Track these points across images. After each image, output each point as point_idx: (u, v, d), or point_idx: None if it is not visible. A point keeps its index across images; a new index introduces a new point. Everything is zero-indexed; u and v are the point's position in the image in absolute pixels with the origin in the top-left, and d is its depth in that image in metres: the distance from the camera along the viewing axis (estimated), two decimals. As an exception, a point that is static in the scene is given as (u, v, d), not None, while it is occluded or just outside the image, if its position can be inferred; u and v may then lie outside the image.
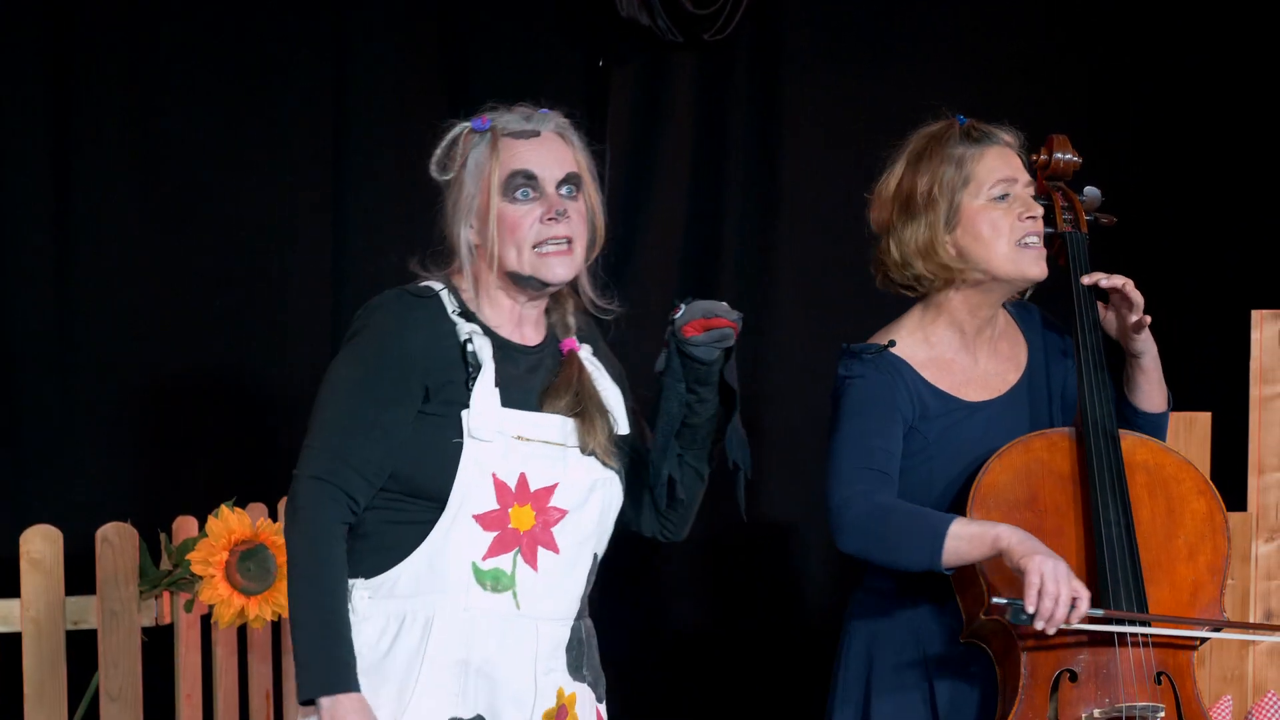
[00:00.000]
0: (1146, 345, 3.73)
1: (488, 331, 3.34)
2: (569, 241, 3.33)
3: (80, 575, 4.86)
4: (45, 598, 4.81)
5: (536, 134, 3.37)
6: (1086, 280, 3.73)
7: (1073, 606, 3.39)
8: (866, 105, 5.83)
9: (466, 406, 3.27)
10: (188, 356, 5.29)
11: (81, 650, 4.88)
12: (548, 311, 3.46)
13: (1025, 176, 3.72)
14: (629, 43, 5.68)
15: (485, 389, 3.29)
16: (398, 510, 3.29)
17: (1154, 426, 3.81)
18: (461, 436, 3.26)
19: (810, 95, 5.86)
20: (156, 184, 5.27)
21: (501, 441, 3.28)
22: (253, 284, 5.38)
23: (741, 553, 5.91)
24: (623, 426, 3.45)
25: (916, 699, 3.68)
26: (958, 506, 3.63)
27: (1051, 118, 5.75)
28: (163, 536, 4.92)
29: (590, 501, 3.37)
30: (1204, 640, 3.66)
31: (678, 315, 3.32)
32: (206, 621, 4.91)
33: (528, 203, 3.32)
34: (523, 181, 3.32)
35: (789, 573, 5.93)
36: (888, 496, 3.59)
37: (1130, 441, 3.67)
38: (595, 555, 3.42)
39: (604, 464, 3.38)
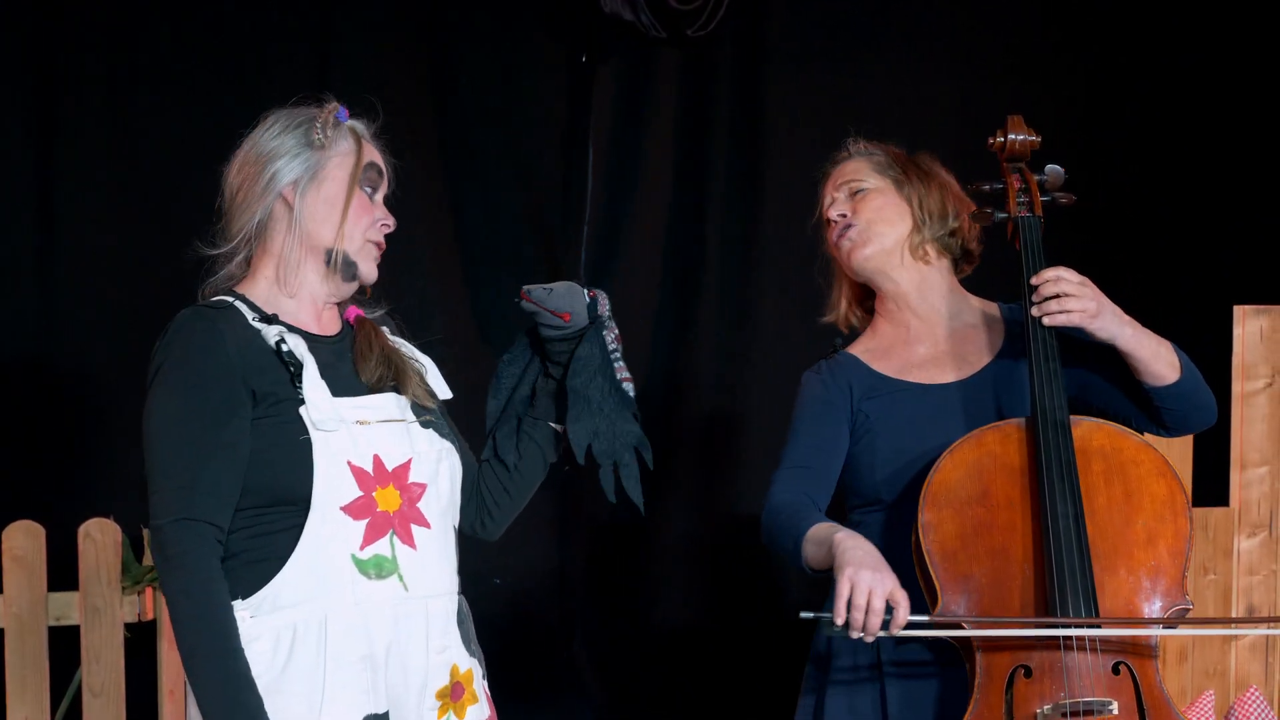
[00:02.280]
0: (1110, 331, 3.63)
1: (293, 329, 3.32)
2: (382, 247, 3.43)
3: (63, 571, 4.88)
4: (28, 593, 4.82)
5: (368, 140, 3.45)
6: (1035, 312, 3.67)
7: (891, 615, 3.37)
8: (852, 101, 5.82)
9: (299, 403, 3.23)
10: (171, 353, 5.29)
11: (64, 646, 4.90)
12: None
13: (844, 180, 3.85)
14: (612, 39, 5.68)
15: (314, 381, 3.26)
16: (262, 523, 3.22)
17: (1174, 397, 3.69)
18: (307, 433, 3.21)
19: (794, 91, 5.86)
20: (142, 181, 5.27)
21: (345, 429, 3.25)
22: (239, 280, 5.38)
23: (730, 548, 5.91)
24: (442, 390, 3.48)
25: (866, 696, 3.69)
26: (905, 488, 3.66)
27: (1045, 115, 5.74)
28: (145, 532, 4.92)
29: (441, 472, 3.36)
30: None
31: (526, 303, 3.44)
32: (189, 617, 4.92)
33: (370, 200, 3.40)
34: (375, 176, 3.40)
35: (778, 567, 5.93)
36: (791, 493, 3.68)
37: (1085, 428, 3.65)
38: (454, 527, 3.42)
39: (440, 435, 3.39)
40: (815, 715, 3.75)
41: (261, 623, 3.20)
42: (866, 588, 3.36)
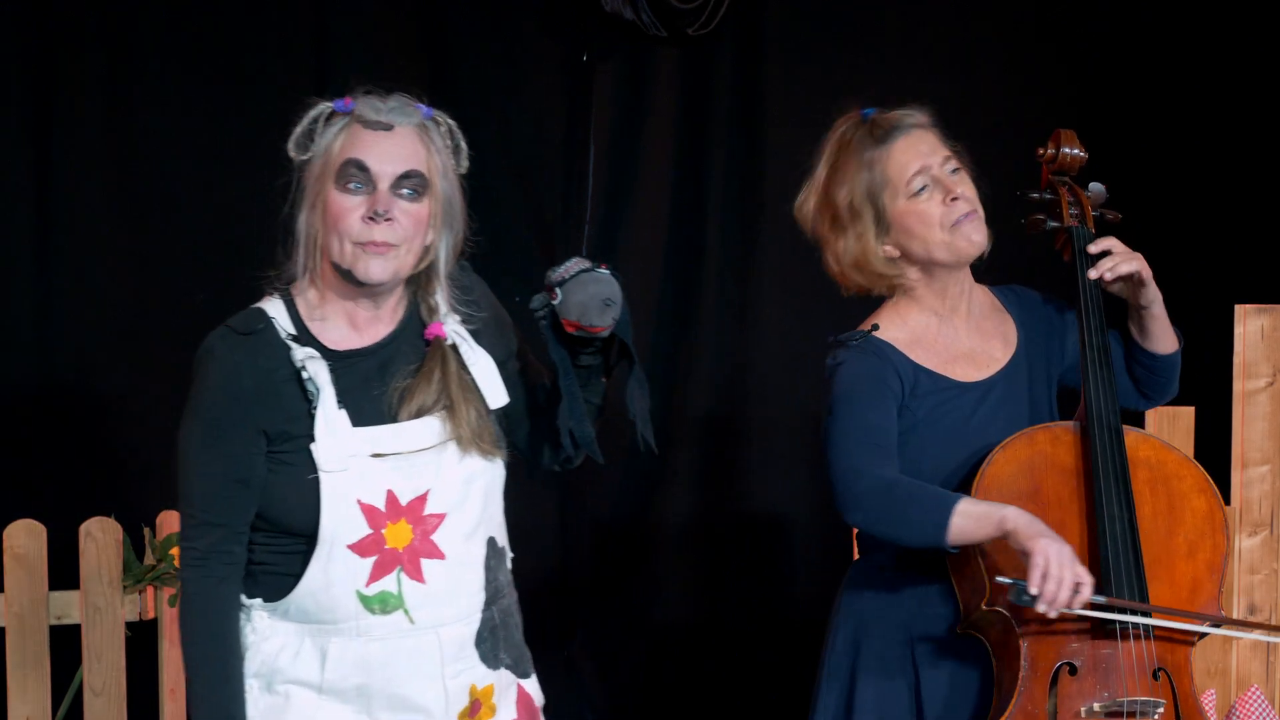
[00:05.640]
0: (1153, 295, 3.73)
1: (324, 351, 3.24)
2: (389, 244, 3.21)
3: (64, 570, 4.87)
4: (28, 593, 4.81)
5: (389, 128, 3.24)
6: (1093, 274, 3.71)
7: (1076, 592, 3.38)
8: (851, 100, 5.81)
9: (312, 439, 3.20)
10: (170, 350, 5.25)
11: (65, 645, 4.88)
12: (411, 287, 3.34)
13: (939, 155, 3.70)
14: (612, 37, 5.67)
15: (328, 416, 3.20)
16: (278, 544, 3.25)
17: (1170, 367, 3.81)
18: (316, 471, 3.19)
19: (794, 90, 5.86)
20: (140, 179, 5.26)
21: (357, 465, 3.21)
22: (235, 277, 5.36)
23: (731, 547, 5.91)
24: (497, 399, 3.35)
25: (901, 686, 3.67)
26: (948, 487, 3.62)
27: (1039, 109, 5.76)
28: (146, 531, 4.92)
29: (470, 495, 3.29)
30: (1202, 636, 3.64)
31: (556, 301, 3.21)
32: (190, 616, 4.91)
33: (357, 195, 3.21)
34: (354, 173, 3.21)
35: (776, 565, 5.93)
36: (893, 471, 3.57)
37: (1133, 438, 3.67)
38: (493, 540, 3.35)
39: (484, 455, 3.31)
40: (847, 703, 3.74)
41: (275, 624, 3.26)
42: (1060, 562, 3.36)
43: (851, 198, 3.71)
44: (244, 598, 3.28)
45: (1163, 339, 3.79)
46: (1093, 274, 3.71)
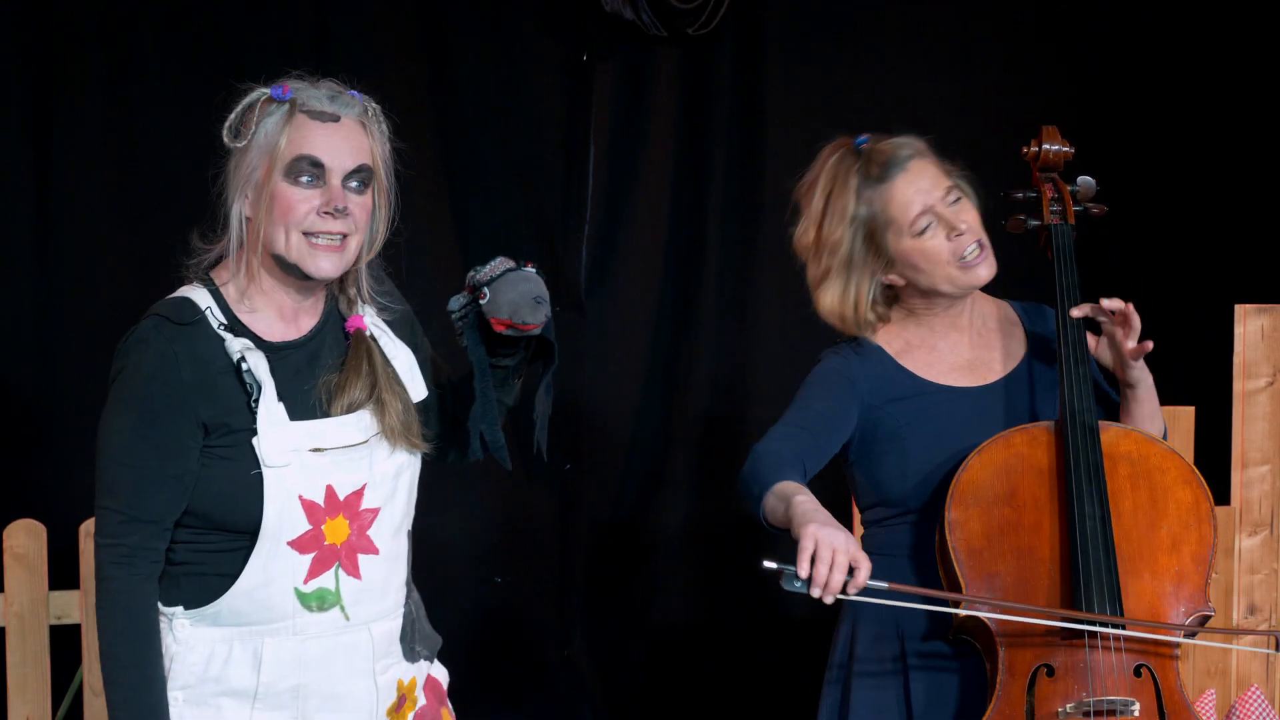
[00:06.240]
0: (1143, 374, 3.71)
1: (259, 342, 3.20)
2: (343, 237, 3.19)
3: (64, 570, 4.87)
4: (29, 593, 4.82)
5: (336, 119, 3.20)
6: (1076, 313, 3.69)
7: (851, 575, 3.27)
8: (851, 99, 5.83)
9: (253, 433, 3.15)
10: (171, 350, 5.28)
11: (65, 645, 4.89)
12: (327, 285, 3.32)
13: (940, 189, 3.65)
14: (612, 37, 5.68)
15: (270, 410, 3.16)
16: (206, 540, 3.19)
17: None
18: (259, 466, 3.15)
19: (794, 89, 5.86)
20: (140, 177, 5.27)
21: (299, 460, 3.17)
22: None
23: (730, 548, 5.91)
24: (419, 392, 3.35)
25: (891, 690, 3.69)
26: (936, 494, 3.64)
27: (1039, 109, 5.75)
28: (146, 531, 4.91)
29: (399, 488, 3.29)
30: (1192, 633, 3.65)
31: (484, 301, 3.20)
32: (190, 616, 4.91)
33: (309, 188, 3.17)
34: (308, 168, 3.16)
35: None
36: (779, 446, 3.56)
37: (1114, 433, 3.67)
38: (409, 533, 3.36)
39: (409, 449, 3.29)
40: (840, 711, 3.75)
41: (200, 633, 3.20)
42: (830, 545, 3.26)
43: (850, 244, 3.67)
44: (161, 605, 3.20)
45: (1144, 425, 3.77)
46: (1076, 313, 3.69)
